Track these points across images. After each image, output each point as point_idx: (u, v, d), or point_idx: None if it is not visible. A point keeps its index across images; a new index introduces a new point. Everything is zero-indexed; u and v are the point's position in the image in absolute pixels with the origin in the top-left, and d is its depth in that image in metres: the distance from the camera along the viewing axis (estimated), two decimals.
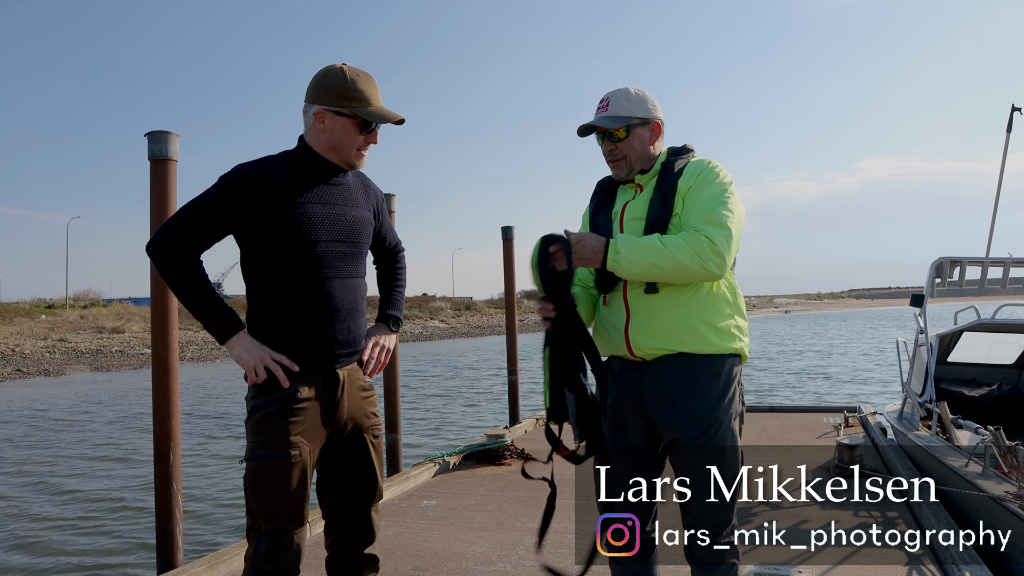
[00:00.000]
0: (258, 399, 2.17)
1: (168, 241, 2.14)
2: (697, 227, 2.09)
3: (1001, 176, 7.88)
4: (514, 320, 9.43)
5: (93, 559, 6.22)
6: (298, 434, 2.13)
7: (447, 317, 56.06)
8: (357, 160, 2.26)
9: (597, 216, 2.35)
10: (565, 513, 4.82)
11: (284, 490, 2.12)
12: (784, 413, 9.00)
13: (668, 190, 2.21)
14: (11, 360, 28.02)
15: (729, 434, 2.18)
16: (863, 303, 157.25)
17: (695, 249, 2.05)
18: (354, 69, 2.22)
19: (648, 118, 2.27)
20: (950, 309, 8.17)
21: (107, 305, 47.25)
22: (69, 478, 9.39)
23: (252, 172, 2.16)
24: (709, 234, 2.06)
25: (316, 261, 2.18)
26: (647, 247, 2.07)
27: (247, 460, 2.17)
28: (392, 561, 3.94)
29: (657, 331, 2.17)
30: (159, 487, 4.03)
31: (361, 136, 2.22)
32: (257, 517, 2.15)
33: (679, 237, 2.08)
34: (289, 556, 2.15)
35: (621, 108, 2.25)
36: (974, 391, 6.85)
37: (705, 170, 2.20)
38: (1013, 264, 6.89)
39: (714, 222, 2.09)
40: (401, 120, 2.25)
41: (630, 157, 2.27)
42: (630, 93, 2.28)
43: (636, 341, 2.20)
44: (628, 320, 2.21)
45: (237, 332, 2.14)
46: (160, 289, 4.04)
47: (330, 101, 2.18)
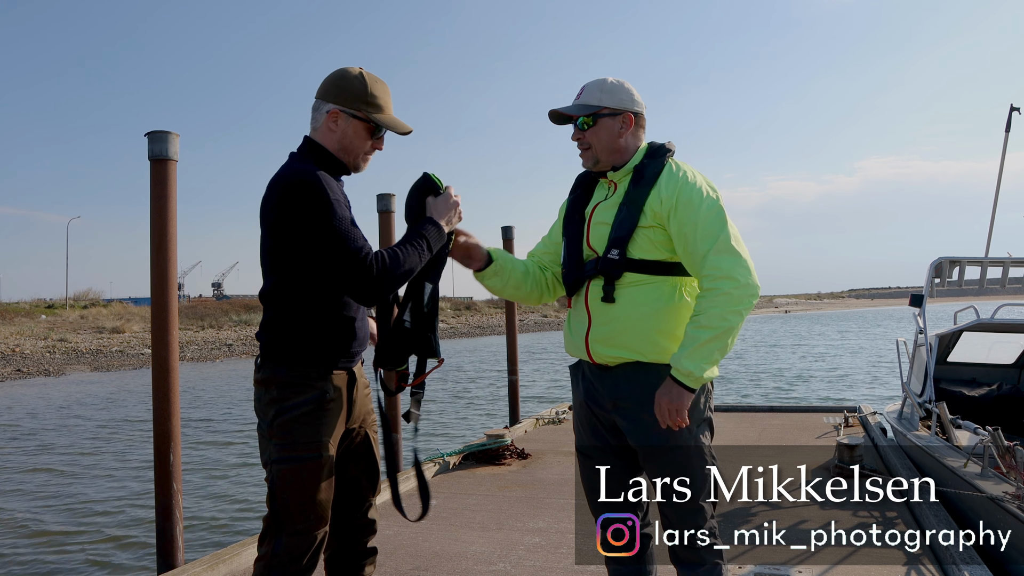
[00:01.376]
0: (286, 400, 2.13)
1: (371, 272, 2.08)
2: (709, 265, 2.06)
3: (1000, 176, 7.88)
4: (514, 320, 9.44)
5: (93, 559, 6.22)
6: (328, 434, 2.16)
7: (447, 317, 56.04)
8: (363, 164, 2.28)
9: (572, 217, 2.36)
10: (565, 513, 4.83)
11: (317, 491, 2.14)
12: (784, 413, 9.00)
13: (637, 199, 2.19)
14: (11, 360, 28.01)
15: (693, 441, 2.17)
16: (863, 303, 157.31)
17: (732, 309, 2.03)
18: (372, 76, 2.25)
19: (619, 109, 2.24)
20: (950, 309, 8.18)
21: (107, 305, 47.27)
22: (69, 478, 9.39)
23: (326, 182, 2.11)
24: (722, 272, 2.05)
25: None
26: (708, 349, 2.04)
27: (277, 462, 2.14)
28: (392, 561, 3.94)
29: (615, 339, 2.18)
30: (159, 487, 4.03)
31: (370, 141, 2.25)
32: (285, 519, 2.14)
33: (710, 306, 2.04)
34: (313, 555, 2.17)
35: (592, 97, 2.25)
36: (974, 391, 6.85)
37: (685, 188, 2.15)
38: (1012, 264, 6.89)
39: (721, 250, 2.07)
40: (409, 131, 2.28)
41: (596, 147, 2.25)
42: (605, 83, 2.26)
43: (595, 349, 2.22)
44: (589, 327, 2.23)
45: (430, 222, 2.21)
46: (160, 289, 4.04)
47: (347, 103, 2.20)
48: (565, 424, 8.63)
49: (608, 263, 2.19)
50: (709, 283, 2.07)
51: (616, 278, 2.18)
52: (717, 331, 2.03)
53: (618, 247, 2.17)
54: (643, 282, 2.17)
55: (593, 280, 2.23)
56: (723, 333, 2.04)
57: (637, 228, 2.17)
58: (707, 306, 2.06)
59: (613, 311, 2.18)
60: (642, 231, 2.17)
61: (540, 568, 3.80)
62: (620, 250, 2.17)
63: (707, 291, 2.08)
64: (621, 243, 2.17)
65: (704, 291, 2.09)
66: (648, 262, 2.17)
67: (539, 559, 3.93)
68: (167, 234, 4.04)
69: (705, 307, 2.07)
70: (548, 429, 8.37)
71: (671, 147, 2.29)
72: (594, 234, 2.26)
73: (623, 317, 2.17)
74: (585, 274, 2.25)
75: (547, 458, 6.63)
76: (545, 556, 3.98)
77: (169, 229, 4.05)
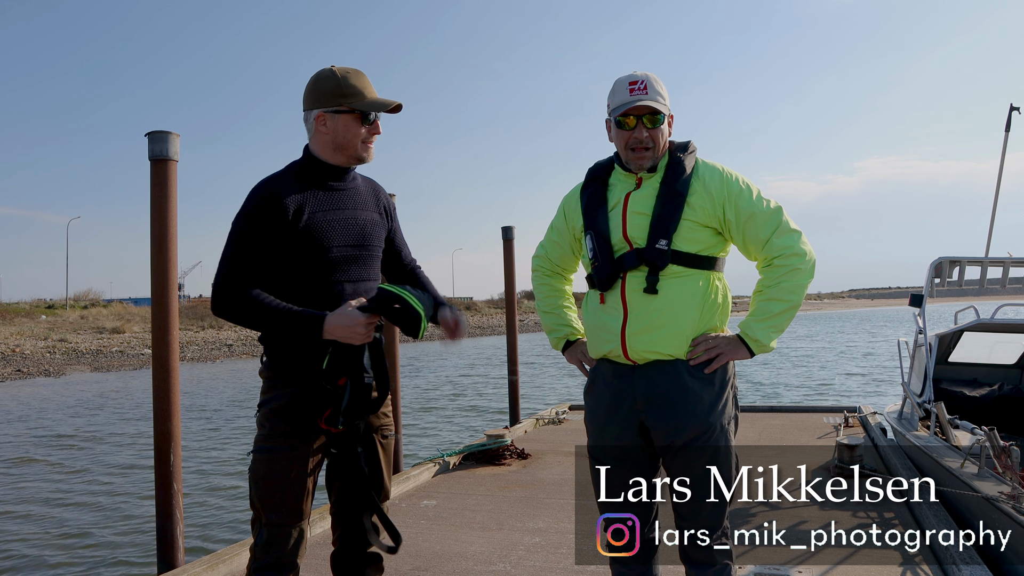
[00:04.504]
0: (268, 393, 2.21)
1: (223, 297, 2.14)
2: (776, 246, 2.16)
3: (1000, 176, 7.88)
4: (514, 320, 9.43)
5: (94, 559, 6.22)
6: (305, 428, 2.17)
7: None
8: (365, 152, 2.28)
9: (595, 210, 2.28)
10: (565, 513, 4.83)
11: (284, 483, 2.15)
12: (784, 413, 8.99)
13: (680, 191, 2.18)
14: (11, 360, 28.02)
15: (724, 438, 2.18)
16: (863, 303, 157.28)
17: (799, 282, 2.16)
18: (343, 68, 2.25)
19: (670, 110, 2.26)
20: (950, 309, 8.17)
21: (107, 305, 47.27)
22: (69, 478, 9.39)
23: (262, 195, 2.17)
24: (791, 251, 2.15)
25: (329, 267, 2.21)
26: (778, 320, 2.17)
27: (253, 452, 2.21)
28: (392, 561, 3.93)
29: (654, 334, 2.15)
30: (159, 487, 4.03)
31: (364, 128, 2.25)
32: (258, 509, 2.19)
33: (781, 280, 2.15)
34: (286, 550, 2.17)
35: (659, 95, 2.20)
36: (975, 391, 6.85)
37: (730, 181, 2.20)
38: (1012, 264, 6.88)
39: (783, 232, 2.16)
40: (398, 106, 2.26)
41: (659, 147, 2.22)
42: (660, 80, 2.23)
43: (632, 344, 2.18)
44: (626, 321, 2.18)
45: (324, 321, 2.10)
46: (160, 289, 4.04)
47: (327, 102, 2.21)
48: (565, 424, 8.63)
49: (656, 253, 2.15)
50: (781, 260, 2.16)
51: (661, 269, 2.15)
52: (787, 304, 2.16)
53: (665, 237, 2.15)
54: (684, 274, 2.16)
55: (632, 272, 2.19)
56: (792, 307, 2.17)
57: (682, 219, 2.16)
58: (777, 280, 2.16)
59: (656, 303, 2.15)
60: (686, 223, 2.16)
61: (540, 568, 3.80)
62: (668, 240, 2.15)
63: (777, 267, 2.16)
64: (667, 233, 2.15)
65: (774, 266, 2.17)
66: (690, 255, 2.17)
67: (539, 559, 3.93)
68: (167, 234, 4.04)
69: (775, 281, 2.16)
70: (548, 429, 8.37)
71: (694, 146, 2.30)
72: (632, 224, 2.20)
73: (666, 308, 2.15)
74: (625, 266, 2.19)
75: (547, 458, 6.63)
76: (545, 556, 3.98)
77: (169, 229, 4.05)
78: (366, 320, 2.11)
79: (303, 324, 2.10)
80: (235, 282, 2.13)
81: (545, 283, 2.57)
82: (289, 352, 2.19)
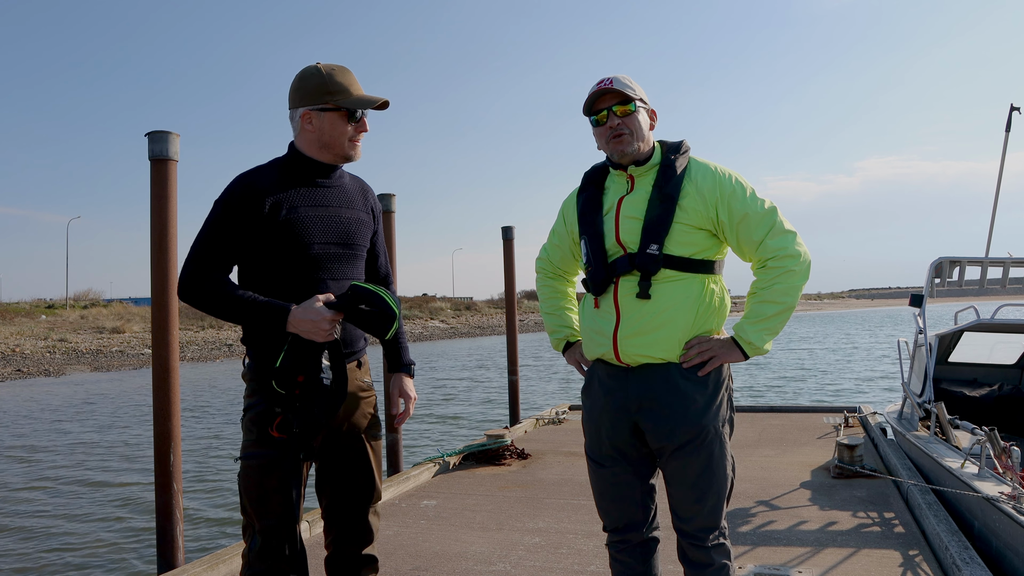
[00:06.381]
0: (252, 397, 2.18)
1: (190, 282, 2.12)
2: (770, 247, 2.14)
3: (1000, 176, 7.87)
4: (514, 320, 9.43)
5: (94, 559, 6.22)
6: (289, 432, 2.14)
7: (447, 317, 56.00)
8: (351, 151, 2.25)
9: (590, 215, 2.29)
10: (565, 513, 4.83)
11: (273, 488, 2.13)
12: (784, 413, 8.99)
13: (671, 193, 2.17)
14: (11, 360, 28.02)
15: (717, 440, 2.17)
16: (863, 303, 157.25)
17: (793, 284, 2.13)
18: (328, 65, 2.22)
19: (647, 103, 2.27)
20: (950, 309, 8.17)
21: (107, 305, 47.27)
22: (69, 478, 9.39)
23: (242, 185, 2.15)
24: (785, 252, 2.13)
25: (310, 264, 2.18)
26: (772, 323, 2.15)
27: (240, 458, 2.18)
28: (392, 561, 3.94)
29: (646, 338, 2.15)
30: (159, 487, 4.03)
31: (350, 126, 2.22)
32: (250, 515, 2.17)
33: (774, 282, 2.13)
34: (281, 555, 2.16)
35: (626, 86, 2.21)
36: (975, 391, 6.85)
37: (723, 181, 2.18)
38: (1013, 264, 6.88)
39: (777, 233, 2.15)
40: (385, 103, 2.24)
41: (635, 134, 2.20)
42: (630, 78, 2.25)
43: (624, 348, 2.18)
44: (618, 324, 2.18)
45: (289, 313, 2.06)
46: (160, 289, 4.04)
47: (312, 100, 2.19)
48: (565, 424, 8.62)
49: (647, 258, 2.14)
50: (774, 262, 2.14)
51: (653, 274, 2.14)
52: (781, 306, 2.14)
53: (656, 241, 2.14)
54: (677, 279, 2.15)
55: (624, 277, 2.18)
56: (786, 309, 2.14)
57: (674, 223, 2.15)
58: (771, 282, 2.14)
59: (648, 307, 2.14)
60: (678, 226, 2.15)
61: (540, 568, 3.80)
62: (659, 244, 2.14)
63: (771, 268, 2.14)
64: (659, 237, 2.14)
65: (768, 268, 2.15)
66: (683, 259, 2.15)
67: (539, 559, 3.93)
68: (167, 234, 4.04)
69: (769, 283, 2.14)
70: (548, 429, 8.37)
71: (687, 146, 2.29)
72: (624, 228, 2.20)
73: (659, 313, 2.14)
74: (617, 271, 2.19)
75: (547, 458, 6.63)
76: (545, 556, 3.98)
77: (169, 229, 4.05)
78: (331, 317, 2.07)
79: (267, 314, 2.07)
80: (203, 268, 2.11)
81: (548, 285, 2.60)
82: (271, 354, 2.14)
